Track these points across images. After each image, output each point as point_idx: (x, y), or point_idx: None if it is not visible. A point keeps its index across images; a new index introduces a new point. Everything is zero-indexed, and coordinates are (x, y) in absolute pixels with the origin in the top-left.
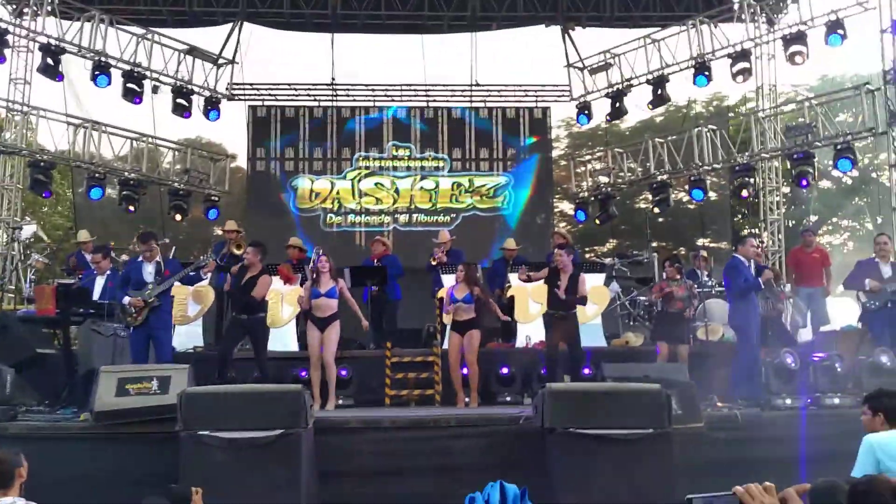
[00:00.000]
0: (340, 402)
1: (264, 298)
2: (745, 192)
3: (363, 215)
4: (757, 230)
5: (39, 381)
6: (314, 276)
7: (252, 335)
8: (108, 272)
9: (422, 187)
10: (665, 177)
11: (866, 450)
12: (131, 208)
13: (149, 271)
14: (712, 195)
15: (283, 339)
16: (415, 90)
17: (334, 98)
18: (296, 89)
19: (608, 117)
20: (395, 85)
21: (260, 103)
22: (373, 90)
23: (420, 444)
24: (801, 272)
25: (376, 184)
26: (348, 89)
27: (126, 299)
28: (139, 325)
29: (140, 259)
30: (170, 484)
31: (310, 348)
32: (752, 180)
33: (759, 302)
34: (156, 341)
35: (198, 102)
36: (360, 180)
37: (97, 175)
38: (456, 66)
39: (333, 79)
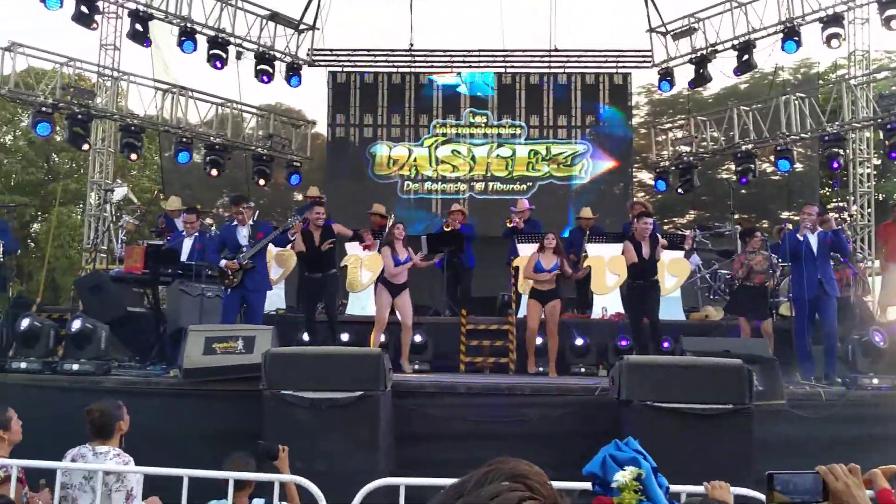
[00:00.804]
0: (416, 366)
1: (333, 256)
2: (837, 164)
3: (439, 183)
4: (845, 203)
5: (130, 339)
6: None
7: (323, 291)
8: (196, 234)
9: (498, 155)
10: (750, 146)
11: None
12: (215, 172)
13: (243, 234)
14: (799, 166)
15: (361, 304)
16: (493, 55)
17: (412, 63)
18: (374, 55)
19: (691, 84)
20: (472, 50)
21: (340, 69)
22: (451, 56)
23: (494, 410)
24: (891, 247)
25: (453, 151)
26: (426, 55)
27: (222, 262)
28: (235, 287)
29: (234, 223)
30: (256, 440)
31: (379, 311)
32: (841, 151)
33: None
34: (248, 303)
35: (279, 68)
36: (436, 147)
37: (184, 140)
38: (535, 31)
39: (412, 44)
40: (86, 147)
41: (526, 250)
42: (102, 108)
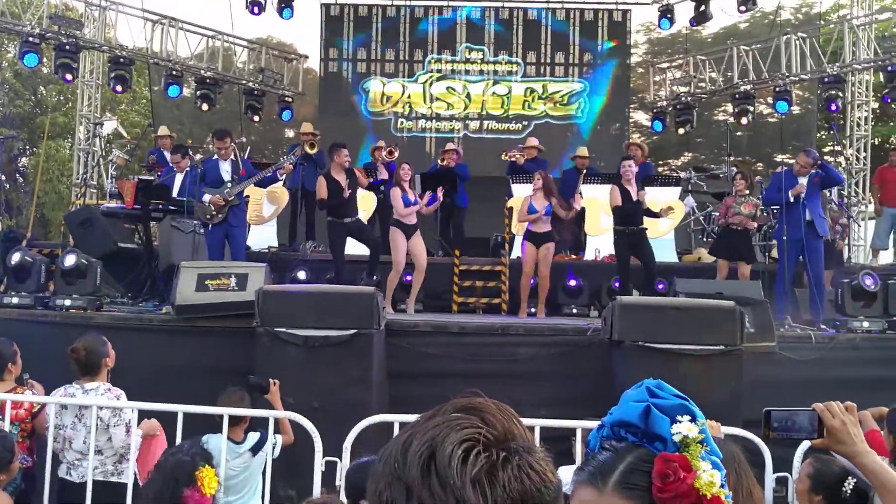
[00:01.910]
0: (404, 306)
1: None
2: (835, 107)
3: (434, 121)
4: (842, 147)
5: (122, 275)
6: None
7: (361, 235)
8: (187, 170)
9: (494, 93)
10: (748, 87)
11: None
12: (206, 107)
13: (225, 169)
14: (796, 109)
15: (354, 243)
16: None
17: None
18: None
19: (692, 21)
20: None
21: (333, 1)
22: None
23: (487, 349)
24: (886, 191)
25: (448, 88)
26: None
27: (206, 197)
28: (218, 222)
29: (215, 157)
30: (250, 373)
31: (395, 253)
32: (840, 93)
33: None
34: (231, 239)
35: (271, 0)
36: (431, 84)
37: (174, 73)
38: None
39: None
40: (69, 77)
41: (519, 190)
42: (90, 39)
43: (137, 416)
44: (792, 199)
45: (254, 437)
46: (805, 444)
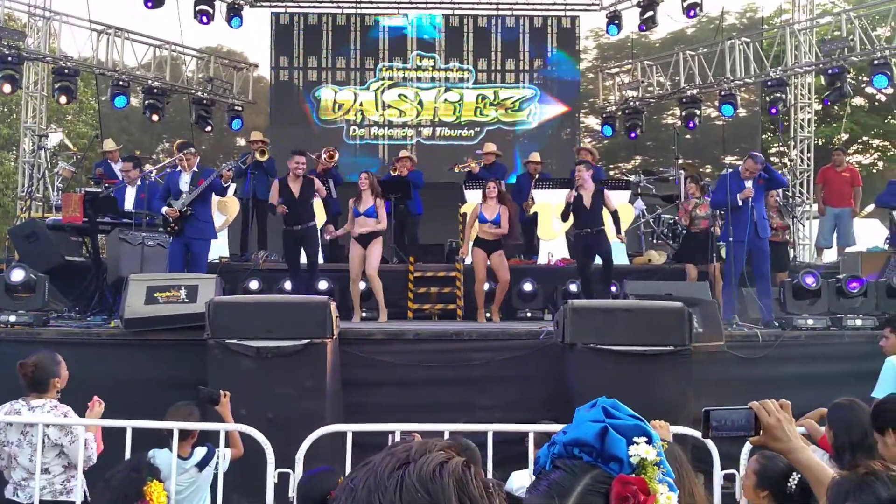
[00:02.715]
0: (364, 314)
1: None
2: (776, 109)
3: (386, 128)
4: (786, 148)
5: (69, 289)
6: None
7: (305, 243)
8: (139, 182)
9: (446, 99)
10: (695, 91)
11: (889, 370)
12: (155, 117)
13: (185, 181)
14: (742, 112)
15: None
16: None
17: (358, 4)
18: None
19: (641, 26)
20: None
21: (283, 10)
22: None
23: (441, 355)
24: (829, 191)
25: (400, 95)
26: None
27: (163, 209)
28: (177, 234)
29: (178, 169)
30: (202, 387)
31: (350, 263)
32: (783, 96)
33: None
34: (191, 251)
35: (220, 9)
36: (383, 91)
37: (121, 83)
38: None
39: None
40: (7, 89)
41: (473, 197)
42: (34, 50)
43: (84, 432)
44: (741, 203)
45: (200, 451)
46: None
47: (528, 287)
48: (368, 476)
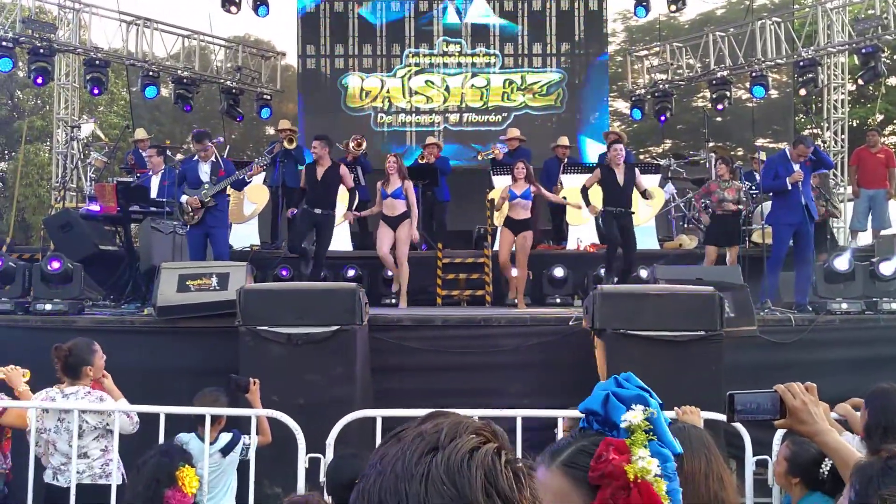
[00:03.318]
0: (393, 301)
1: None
2: (805, 91)
3: (413, 114)
4: (819, 130)
5: (102, 278)
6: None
7: (320, 230)
8: (163, 170)
9: (472, 85)
10: (725, 73)
11: None
12: (186, 107)
13: (204, 170)
14: (773, 93)
15: (336, 237)
16: None
17: None
18: None
19: (670, 7)
20: None
21: None
22: None
23: (470, 341)
24: (863, 173)
25: (427, 81)
26: None
27: (183, 198)
28: (196, 223)
29: (196, 158)
30: (233, 373)
31: (378, 241)
32: (816, 76)
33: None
34: (212, 239)
35: None
36: (410, 78)
37: (151, 73)
38: None
39: None
40: (40, 81)
41: (501, 182)
42: (65, 42)
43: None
44: (790, 187)
45: (225, 437)
46: (783, 428)
47: (557, 273)
48: (396, 460)
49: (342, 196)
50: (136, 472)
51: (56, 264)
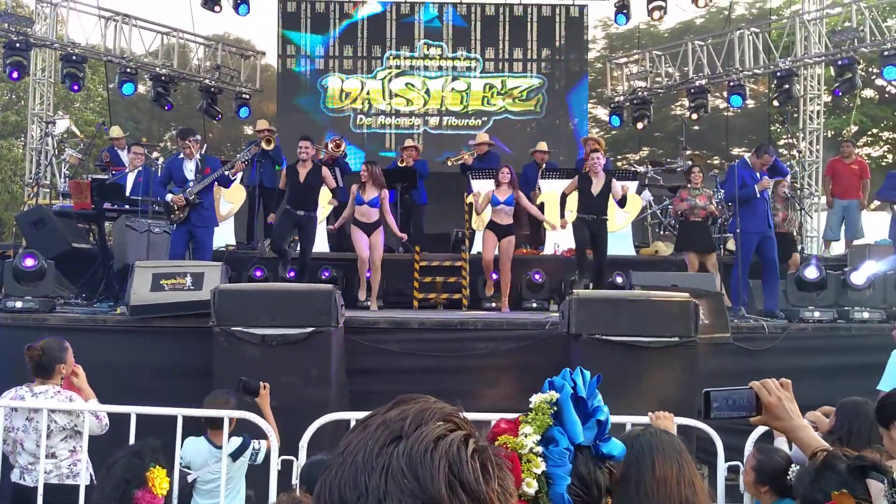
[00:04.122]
0: (370, 304)
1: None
2: (777, 102)
3: (393, 117)
4: (794, 140)
5: (75, 276)
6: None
7: (303, 231)
8: (140, 168)
9: (453, 88)
10: (703, 81)
11: (895, 363)
12: (164, 105)
13: (189, 168)
14: (750, 103)
15: (321, 240)
16: None
17: None
18: None
19: (651, 15)
20: None
21: None
22: None
23: (446, 344)
24: (837, 183)
25: (407, 84)
26: None
27: (168, 197)
28: (181, 222)
29: (180, 156)
30: (206, 374)
31: (357, 246)
32: (792, 87)
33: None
34: (195, 239)
35: None
36: (390, 80)
37: (128, 70)
38: None
39: None
40: (16, 75)
41: (479, 186)
42: (41, 37)
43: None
44: (759, 195)
45: (235, 441)
46: (755, 434)
47: (534, 277)
48: (358, 451)
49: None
50: (105, 472)
51: (30, 261)
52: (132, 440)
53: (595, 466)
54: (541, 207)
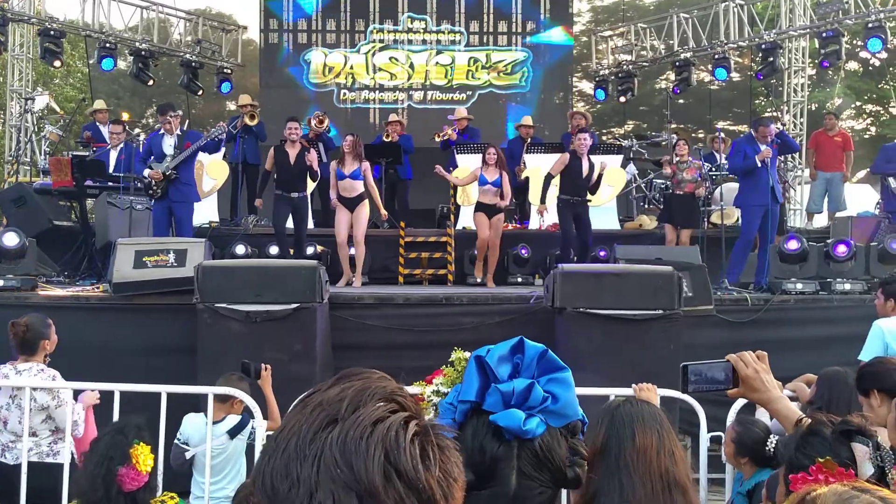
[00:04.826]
0: (353, 279)
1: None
2: (764, 73)
3: (377, 91)
4: (779, 113)
5: (57, 253)
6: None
7: (298, 213)
8: (122, 145)
9: (437, 62)
10: (689, 54)
11: (875, 334)
12: (145, 81)
13: (169, 143)
14: (735, 76)
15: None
16: None
17: None
18: None
19: None
20: None
21: None
22: None
23: (431, 319)
24: (821, 156)
25: (391, 58)
26: None
27: (146, 172)
28: (160, 198)
29: (161, 132)
30: (191, 353)
31: (336, 227)
32: (777, 60)
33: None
34: (175, 215)
35: None
36: (373, 54)
37: (108, 45)
38: None
39: None
40: None
41: (463, 161)
42: (19, 12)
43: (73, 395)
44: (759, 164)
45: (233, 419)
46: (737, 405)
47: (519, 252)
48: (293, 435)
49: None
50: (88, 450)
51: (12, 239)
52: (115, 417)
53: (488, 433)
54: (526, 182)
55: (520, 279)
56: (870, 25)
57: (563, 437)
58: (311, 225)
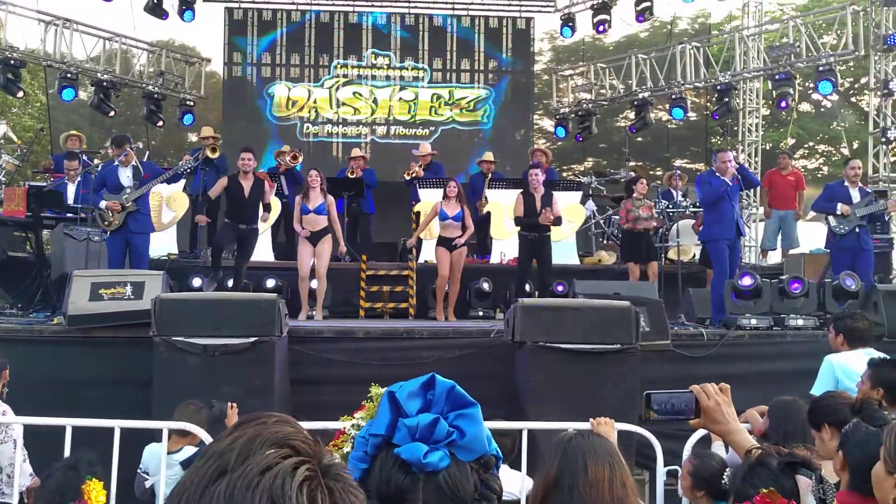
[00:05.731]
0: (313, 313)
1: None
2: (720, 113)
3: (340, 125)
4: (734, 152)
5: (11, 285)
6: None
7: (243, 244)
8: (80, 178)
9: (400, 98)
10: (646, 94)
11: (826, 368)
12: (107, 112)
13: (126, 175)
14: (691, 115)
15: (257, 248)
16: None
17: (312, 1)
18: None
19: (597, 28)
20: None
21: (237, 5)
22: None
23: (392, 353)
24: (774, 194)
25: (354, 93)
26: None
27: (102, 203)
28: (116, 229)
29: (115, 163)
30: (146, 385)
31: (299, 261)
32: (731, 100)
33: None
34: (132, 247)
35: (171, 2)
36: (337, 89)
37: (69, 75)
38: None
39: None
40: None
41: (426, 196)
42: None
43: (24, 431)
44: (731, 183)
45: (190, 450)
46: (693, 438)
47: (481, 286)
48: (184, 490)
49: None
50: (39, 486)
51: None
52: (67, 452)
53: (395, 466)
54: (487, 217)
55: (481, 313)
56: (820, 69)
57: (475, 471)
58: (271, 258)
